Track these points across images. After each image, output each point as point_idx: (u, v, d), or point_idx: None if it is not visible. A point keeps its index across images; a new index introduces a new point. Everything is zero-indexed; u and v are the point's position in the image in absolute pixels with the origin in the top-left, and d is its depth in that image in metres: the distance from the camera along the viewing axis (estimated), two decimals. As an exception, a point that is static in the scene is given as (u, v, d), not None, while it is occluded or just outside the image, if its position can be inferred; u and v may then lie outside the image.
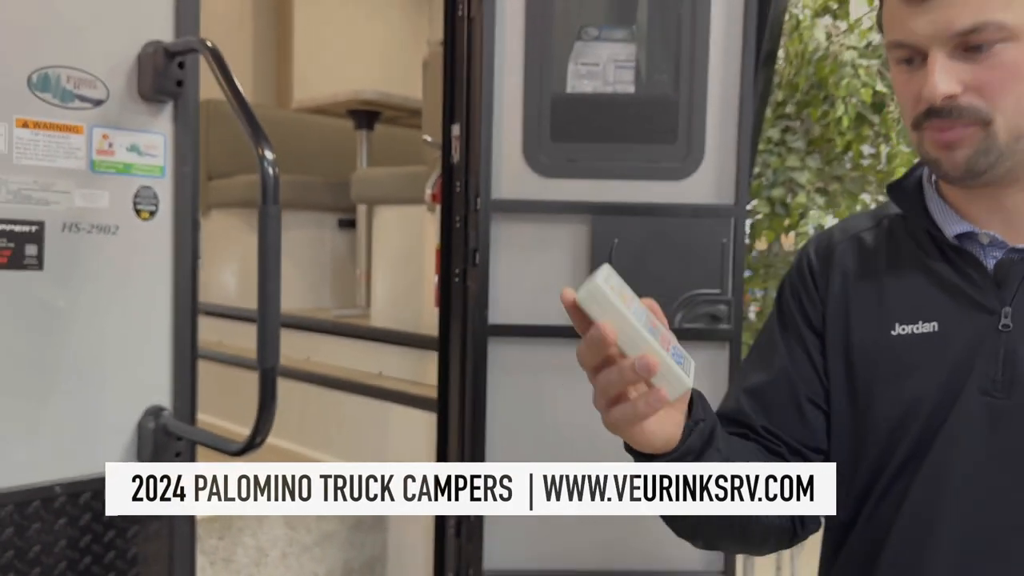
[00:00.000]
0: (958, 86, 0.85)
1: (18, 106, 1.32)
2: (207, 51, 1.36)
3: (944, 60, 0.85)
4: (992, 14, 0.82)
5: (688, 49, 1.92)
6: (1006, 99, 0.84)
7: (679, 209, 1.91)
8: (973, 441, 0.89)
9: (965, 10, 0.83)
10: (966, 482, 0.89)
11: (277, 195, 1.22)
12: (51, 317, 1.37)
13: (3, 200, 1.31)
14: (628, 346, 0.77)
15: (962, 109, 0.85)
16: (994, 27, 0.82)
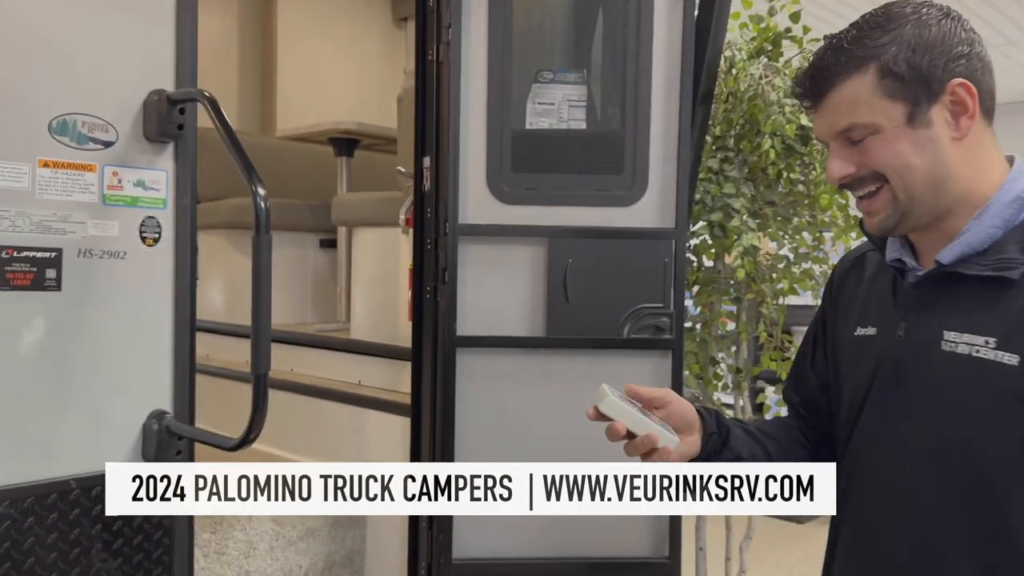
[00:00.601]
0: (852, 167, 1.13)
1: (40, 149, 1.51)
2: (206, 100, 1.55)
3: (837, 148, 1.14)
4: (859, 118, 1.10)
5: (633, 90, 2.12)
6: (887, 169, 1.11)
7: (626, 232, 2.11)
8: (876, 423, 1.19)
9: (840, 117, 1.12)
10: (868, 448, 1.21)
11: (268, 226, 1.42)
12: (67, 332, 1.55)
13: (27, 230, 1.49)
14: (636, 429, 1.19)
15: (861, 179, 1.13)
16: (861, 127, 1.11)
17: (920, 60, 1.08)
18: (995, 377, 1.03)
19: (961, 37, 1.10)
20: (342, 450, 2.52)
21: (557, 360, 2.13)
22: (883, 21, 1.10)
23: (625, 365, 2.15)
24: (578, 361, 2.13)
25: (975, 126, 1.11)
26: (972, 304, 1.08)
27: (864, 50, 1.09)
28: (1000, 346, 1.03)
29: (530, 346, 2.13)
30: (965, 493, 1.07)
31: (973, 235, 1.10)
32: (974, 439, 1.06)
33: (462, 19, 2.05)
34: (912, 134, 1.09)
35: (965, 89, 1.08)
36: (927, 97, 1.08)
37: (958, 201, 1.11)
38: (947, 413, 1.09)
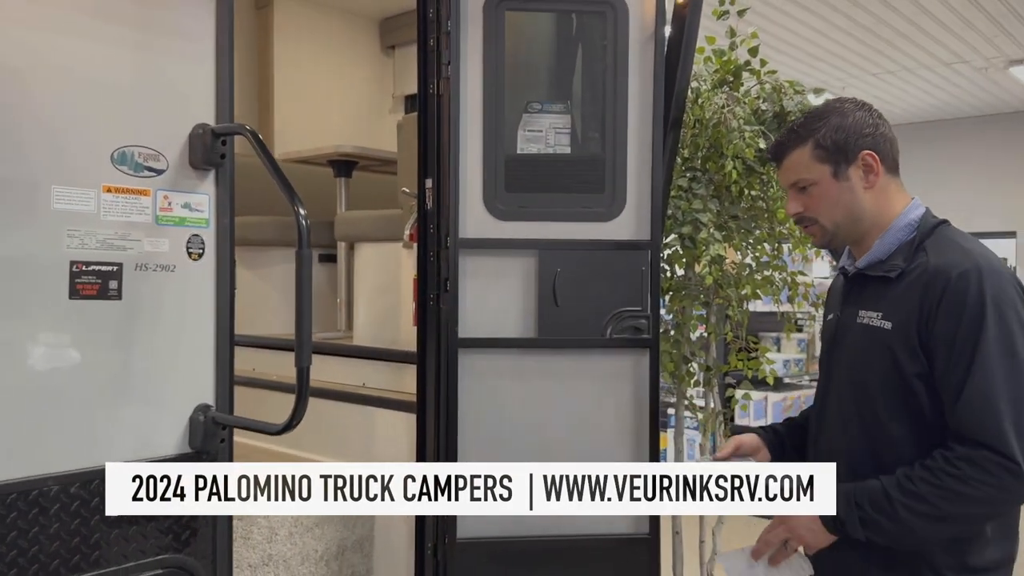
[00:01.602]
0: (801, 207, 1.70)
1: (104, 176, 1.73)
2: (248, 134, 1.79)
3: (792, 194, 1.72)
4: (802, 175, 1.68)
5: (611, 118, 2.37)
6: (821, 212, 1.68)
7: (607, 244, 2.36)
8: (825, 376, 1.76)
9: (791, 174, 1.70)
10: (823, 387, 1.78)
11: (309, 241, 1.66)
12: (126, 336, 1.76)
13: (93, 247, 1.72)
14: None
15: (804, 218, 1.72)
16: (804, 180, 1.68)
17: (839, 137, 1.62)
18: (878, 335, 1.59)
19: (868, 123, 1.64)
20: (350, 446, 2.74)
21: (548, 358, 2.37)
22: (820, 113, 1.67)
23: (608, 362, 2.39)
24: (566, 359, 2.38)
25: (881, 179, 1.65)
26: (873, 293, 1.63)
27: (805, 131, 1.66)
28: (883, 318, 1.58)
29: (524, 346, 2.37)
30: (861, 405, 1.63)
31: (876, 250, 1.65)
32: (867, 374, 1.61)
33: (460, 57, 2.30)
34: (837, 185, 1.64)
35: (871, 157, 1.63)
36: (845, 161, 1.63)
37: (871, 227, 1.65)
38: (856, 358, 1.65)
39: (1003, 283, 1.50)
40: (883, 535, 1.52)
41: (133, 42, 1.77)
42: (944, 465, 1.46)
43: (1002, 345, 1.45)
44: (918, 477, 1.48)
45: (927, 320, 1.50)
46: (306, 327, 1.65)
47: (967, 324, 1.46)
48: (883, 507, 1.50)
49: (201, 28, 1.87)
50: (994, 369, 1.44)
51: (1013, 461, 1.41)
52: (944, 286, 1.49)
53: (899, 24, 8.77)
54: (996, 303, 1.46)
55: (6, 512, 1.59)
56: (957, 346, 1.47)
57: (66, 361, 1.69)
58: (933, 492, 1.46)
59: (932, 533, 1.51)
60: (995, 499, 1.45)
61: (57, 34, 1.66)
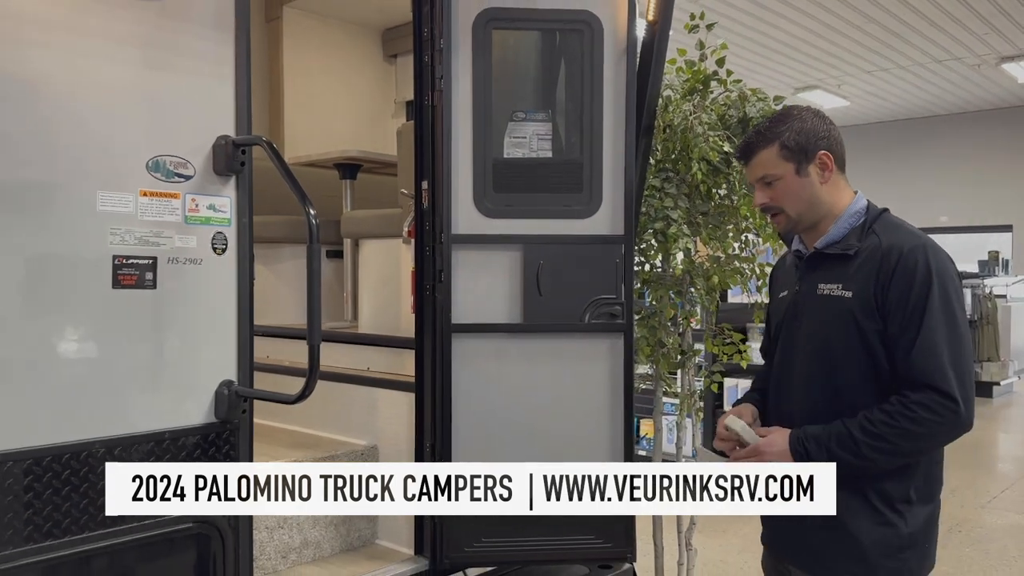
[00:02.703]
0: (767, 199, 1.95)
1: (140, 182, 2.00)
2: (265, 145, 2.07)
3: (759, 188, 1.97)
4: (769, 171, 1.93)
5: (588, 125, 2.63)
6: (786, 203, 1.94)
7: (585, 239, 2.62)
8: (785, 346, 2.00)
9: (758, 170, 1.96)
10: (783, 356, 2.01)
11: (318, 238, 1.93)
12: (161, 320, 2.03)
13: (132, 243, 1.99)
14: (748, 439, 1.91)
15: (771, 207, 1.97)
16: (770, 176, 1.93)
17: (801, 139, 1.90)
18: (840, 304, 1.85)
19: (822, 128, 1.92)
20: (356, 423, 3.01)
21: (532, 341, 2.63)
22: (782, 118, 1.95)
23: (586, 345, 2.66)
24: (549, 342, 2.64)
25: (834, 175, 1.94)
26: (831, 269, 1.89)
27: (772, 134, 1.92)
28: (842, 288, 1.85)
29: (511, 331, 2.63)
30: (823, 365, 1.88)
31: (833, 233, 1.92)
32: (829, 337, 1.87)
33: (451, 71, 2.57)
34: (799, 180, 1.91)
35: (827, 156, 1.91)
36: (805, 160, 1.91)
37: (825, 215, 1.93)
38: (818, 325, 1.90)
39: (943, 258, 1.82)
40: (846, 469, 1.79)
41: (165, 65, 2.03)
42: (900, 408, 1.74)
43: (944, 308, 1.75)
44: (878, 420, 1.76)
45: (883, 286, 1.79)
46: (316, 311, 1.93)
47: (917, 290, 1.76)
48: (848, 446, 1.78)
49: (223, 52, 2.13)
50: (938, 327, 1.74)
51: (953, 400, 1.72)
52: (898, 258, 1.78)
53: (890, 23, 8.99)
54: (939, 274, 1.77)
55: (62, 469, 1.87)
56: (908, 308, 1.76)
57: (110, 342, 1.95)
58: (892, 432, 1.74)
59: (886, 464, 1.80)
60: (939, 434, 1.76)
61: (101, 60, 1.93)
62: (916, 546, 1.84)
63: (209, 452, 2.11)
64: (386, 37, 4.60)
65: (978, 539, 5.07)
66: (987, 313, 9.98)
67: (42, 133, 1.85)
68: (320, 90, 4.33)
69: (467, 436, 2.60)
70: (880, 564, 1.81)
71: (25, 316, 1.83)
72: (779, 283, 2.13)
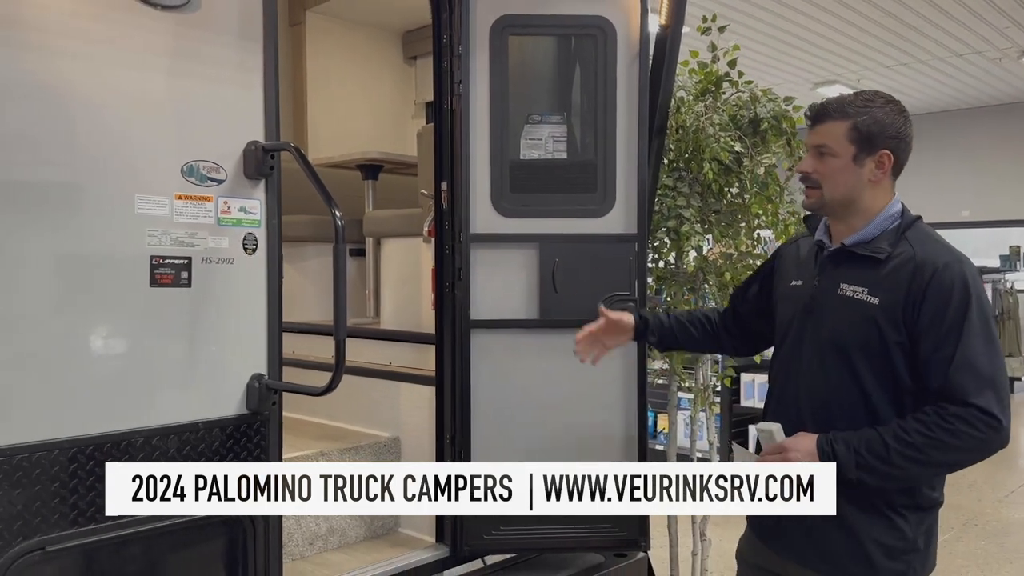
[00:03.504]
0: (811, 169, 1.88)
1: (176, 186, 2.10)
2: (293, 150, 2.17)
3: (812, 154, 1.88)
4: (829, 143, 1.84)
5: (602, 127, 2.71)
6: (827, 182, 1.86)
7: (600, 237, 2.69)
8: (796, 338, 1.95)
9: (820, 138, 1.85)
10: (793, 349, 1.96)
11: (344, 238, 2.03)
12: (196, 317, 2.13)
13: (168, 244, 2.09)
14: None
15: (811, 179, 1.89)
16: (827, 148, 1.84)
17: (874, 129, 1.81)
18: (864, 308, 1.81)
19: (900, 126, 1.83)
20: (380, 416, 3.12)
21: (548, 337, 2.71)
22: (869, 98, 1.84)
23: (601, 340, 2.74)
24: (564, 337, 2.68)
25: (886, 177, 1.87)
26: (858, 270, 1.84)
27: (852, 110, 1.83)
28: (868, 293, 1.81)
29: (527, 327, 2.72)
30: (839, 361, 1.85)
31: (865, 232, 1.87)
32: (848, 340, 1.83)
33: (469, 76, 2.66)
34: (851, 167, 1.84)
35: (888, 157, 1.84)
36: (867, 151, 1.82)
37: (861, 212, 1.87)
38: (838, 325, 1.85)
39: (975, 274, 1.80)
40: (873, 476, 1.75)
41: (198, 74, 2.13)
42: (938, 420, 1.70)
43: (983, 326, 1.74)
44: (913, 429, 1.71)
45: (915, 301, 1.75)
46: (342, 308, 2.03)
47: (955, 307, 1.73)
48: (879, 453, 1.72)
49: (252, 61, 2.23)
50: (977, 345, 1.71)
51: (995, 418, 1.69)
52: (932, 273, 1.75)
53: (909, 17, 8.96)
54: (976, 292, 1.75)
55: (104, 457, 1.98)
56: (946, 326, 1.73)
57: (148, 337, 2.06)
58: (926, 442, 1.70)
59: (915, 477, 1.77)
60: (977, 449, 1.72)
61: (139, 71, 2.04)
62: (919, 550, 1.85)
63: (241, 442, 2.21)
64: (406, 39, 4.70)
65: (994, 533, 5.10)
66: (1008, 308, 9.93)
67: (84, 141, 1.95)
68: (342, 92, 4.44)
69: (485, 428, 2.70)
70: (885, 566, 1.82)
71: (69, 313, 1.94)
72: (790, 268, 2.05)
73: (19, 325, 1.86)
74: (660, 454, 4.75)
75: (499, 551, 2.79)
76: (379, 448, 3.01)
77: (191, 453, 2.13)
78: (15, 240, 1.85)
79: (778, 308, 2.07)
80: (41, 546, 1.89)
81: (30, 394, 1.88)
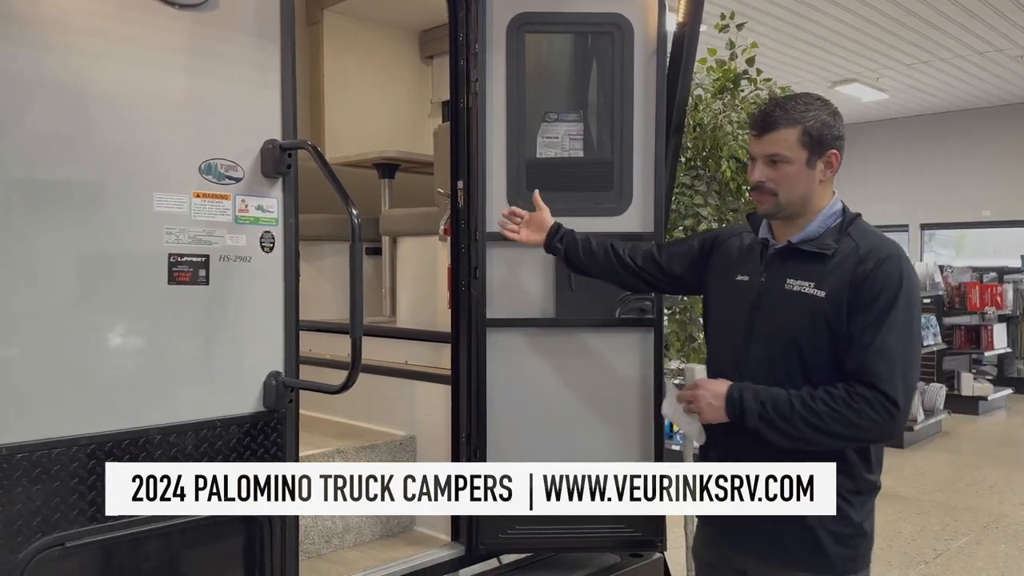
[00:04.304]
0: (764, 178, 1.92)
1: (194, 184, 2.11)
2: (310, 148, 2.17)
3: (762, 163, 1.93)
4: (782, 151, 1.90)
5: (619, 125, 2.70)
6: (783, 188, 1.92)
7: (616, 236, 2.68)
8: (742, 331, 2.00)
9: (770, 147, 1.91)
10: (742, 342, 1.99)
11: (361, 236, 2.03)
12: (213, 315, 2.14)
13: (186, 242, 2.10)
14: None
15: (766, 187, 1.93)
16: (780, 156, 1.90)
17: (822, 132, 1.89)
18: (811, 301, 1.88)
19: (839, 128, 1.93)
20: (396, 414, 3.13)
21: (564, 336, 2.71)
22: (808, 102, 1.92)
23: (617, 339, 2.73)
24: (581, 336, 2.72)
25: (832, 176, 1.95)
26: (804, 265, 1.91)
27: (797, 115, 1.89)
28: (816, 287, 1.87)
29: (543, 325, 2.71)
30: (788, 355, 1.91)
31: (810, 230, 1.94)
32: (797, 333, 1.90)
33: (486, 74, 2.66)
34: (805, 170, 1.91)
35: (835, 157, 1.93)
36: (819, 153, 1.90)
37: (808, 211, 1.95)
38: (786, 320, 1.92)
39: (912, 270, 1.89)
40: (771, 431, 1.85)
41: (216, 73, 2.14)
42: (845, 396, 1.80)
43: (906, 320, 1.82)
44: (820, 398, 1.82)
45: (856, 288, 1.84)
46: (358, 307, 2.03)
47: (885, 296, 1.82)
48: (783, 411, 1.83)
49: (270, 59, 2.24)
50: (897, 336, 1.80)
51: (897, 406, 1.78)
52: (875, 264, 1.84)
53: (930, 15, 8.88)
54: (909, 286, 1.84)
55: (122, 454, 1.99)
56: (874, 312, 1.82)
57: (166, 335, 2.07)
58: (829, 413, 1.80)
59: (809, 441, 1.85)
60: (872, 431, 1.82)
61: (157, 70, 2.05)
62: (866, 534, 1.93)
63: (258, 439, 2.22)
64: (423, 39, 4.70)
65: (1014, 535, 5.04)
66: (1029, 309, 9.80)
67: (103, 139, 1.97)
68: (359, 91, 4.45)
69: (501, 427, 2.69)
70: (835, 552, 1.89)
71: (88, 310, 1.95)
72: (733, 260, 2.11)
73: (38, 322, 1.88)
74: (676, 454, 4.74)
75: (514, 550, 2.79)
76: (395, 447, 3.02)
77: (208, 450, 2.14)
78: (34, 237, 1.87)
79: (715, 295, 2.14)
80: (60, 542, 1.90)
81: (49, 391, 1.89)
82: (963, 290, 9.09)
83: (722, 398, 1.90)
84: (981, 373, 9.68)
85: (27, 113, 1.85)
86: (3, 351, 1.83)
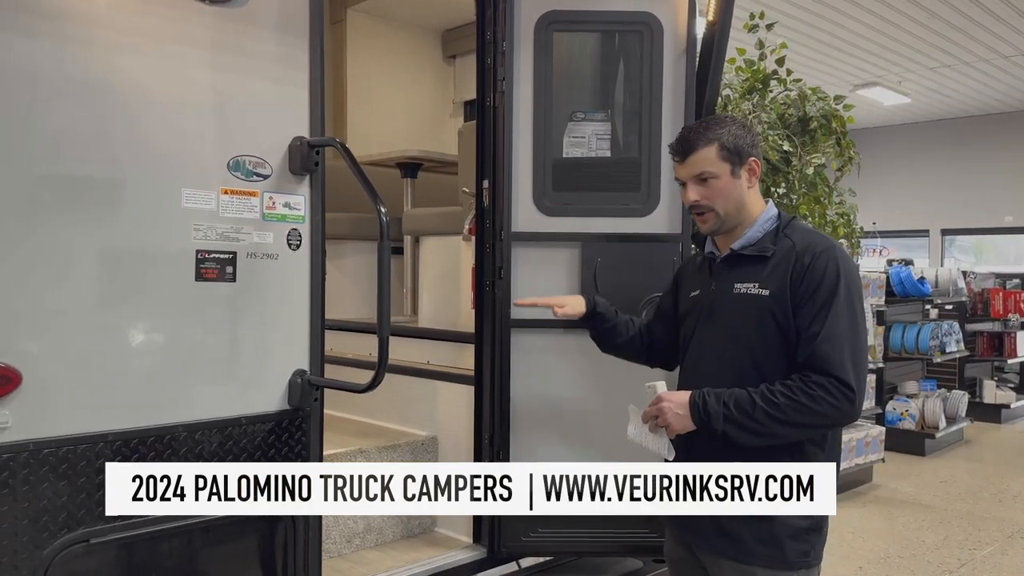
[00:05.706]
0: (699, 197, 2.00)
1: (222, 181, 2.10)
2: (338, 145, 2.16)
3: (692, 185, 2.01)
4: (707, 168, 1.98)
5: (647, 124, 2.68)
6: (717, 202, 1.99)
7: (643, 237, 2.66)
8: (699, 339, 2.06)
9: (695, 168, 1.99)
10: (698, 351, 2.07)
11: (389, 235, 2.01)
12: (240, 312, 2.13)
13: (214, 239, 2.10)
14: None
15: (702, 207, 2.01)
16: (707, 173, 1.98)
17: (738, 143, 1.98)
18: (757, 300, 1.95)
19: (752, 136, 2.02)
20: (418, 414, 3.11)
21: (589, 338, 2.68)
22: (718, 121, 2.03)
23: (643, 341, 2.70)
24: (606, 338, 2.69)
25: (756, 183, 2.03)
26: (748, 269, 1.99)
27: (712, 134, 1.99)
28: (760, 287, 1.95)
29: (568, 327, 2.67)
30: (741, 363, 1.96)
31: (750, 236, 2.02)
32: (748, 331, 1.95)
33: (513, 73, 2.64)
34: (733, 181, 1.99)
35: (755, 163, 2.02)
36: (739, 163, 1.99)
37: (745, 219, 2.02)
38: (736, 320, 1.98)
39: (848, 260, 1.99)
40: (738, 430, 1.89)
41: (244, 70, 2.14)
42: (802, 385, 1.86)
43: (849, 306, 1.89)
44: (778, 392, 1.87)
45: (796, 283, 1.92)
46: (386, 306, 2.01)
47: (826, 287, 1.89)
48: (746, 409, 1.87)
49: (298, 57, 2.23)
50: (842, 323, 1.87)
51: (851, 389, 1.85)
52: (811, 258, 1.92)
53: (954, 18, 8.78)
54: (847, 275, 1.92)
55: (147, 451, 1.99)
56: (817, 303, 1.89)
57: (193, 332, 2.06)
58: (789, 404, 1.85)
59: (776, 435, 1.90)
60: (831, 415, 1.87)
61: (186, 66, 2.05)
62: (820, 529, 1.97)
63: (283, 437, 2.21)
64: (446, 38, 4.69)
65: (1041, 546, 4.95)
66: (1053, 316, 9.66)
67: (132, 135, 1.96)
68: (382, 90, 4.45)
69: (524, 429, 2.68)
70: (791, 547, 1.93)
71: (114, 307, 1.95)
72: (688, 282, 2.21)
73: (66, 318, 1.87)
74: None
75: (537, 553, 2.76)
76: (416, 447, 3.00)
77: (233, 448, 2.14)
78: (64, 234, 1.86)
79: (683, 321, 2.20)
80: (85, 538, 1.89)
81: (76, 387, 1.89)
82: (986, 296, 8.97)
83: (686, 406, 1.94)
84: (1004, 381, 9.55)
85: (55, 109, 1.85)
86: (31, 347, 1.83)
